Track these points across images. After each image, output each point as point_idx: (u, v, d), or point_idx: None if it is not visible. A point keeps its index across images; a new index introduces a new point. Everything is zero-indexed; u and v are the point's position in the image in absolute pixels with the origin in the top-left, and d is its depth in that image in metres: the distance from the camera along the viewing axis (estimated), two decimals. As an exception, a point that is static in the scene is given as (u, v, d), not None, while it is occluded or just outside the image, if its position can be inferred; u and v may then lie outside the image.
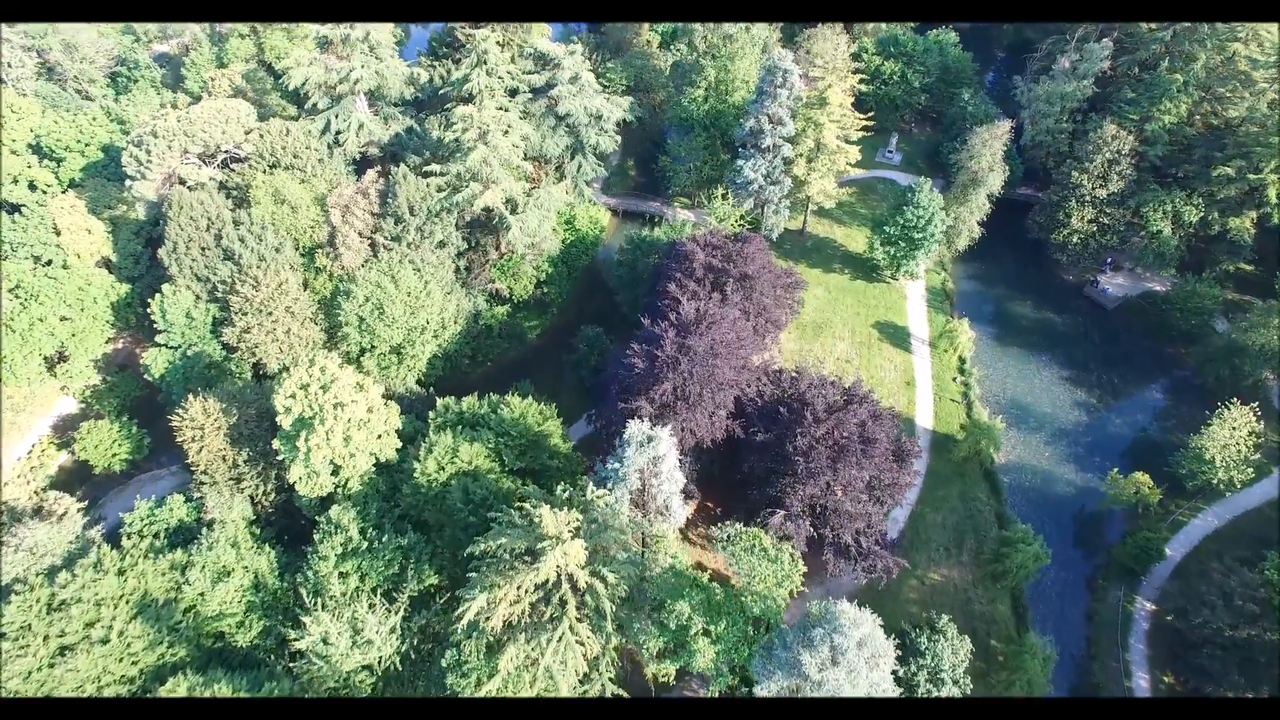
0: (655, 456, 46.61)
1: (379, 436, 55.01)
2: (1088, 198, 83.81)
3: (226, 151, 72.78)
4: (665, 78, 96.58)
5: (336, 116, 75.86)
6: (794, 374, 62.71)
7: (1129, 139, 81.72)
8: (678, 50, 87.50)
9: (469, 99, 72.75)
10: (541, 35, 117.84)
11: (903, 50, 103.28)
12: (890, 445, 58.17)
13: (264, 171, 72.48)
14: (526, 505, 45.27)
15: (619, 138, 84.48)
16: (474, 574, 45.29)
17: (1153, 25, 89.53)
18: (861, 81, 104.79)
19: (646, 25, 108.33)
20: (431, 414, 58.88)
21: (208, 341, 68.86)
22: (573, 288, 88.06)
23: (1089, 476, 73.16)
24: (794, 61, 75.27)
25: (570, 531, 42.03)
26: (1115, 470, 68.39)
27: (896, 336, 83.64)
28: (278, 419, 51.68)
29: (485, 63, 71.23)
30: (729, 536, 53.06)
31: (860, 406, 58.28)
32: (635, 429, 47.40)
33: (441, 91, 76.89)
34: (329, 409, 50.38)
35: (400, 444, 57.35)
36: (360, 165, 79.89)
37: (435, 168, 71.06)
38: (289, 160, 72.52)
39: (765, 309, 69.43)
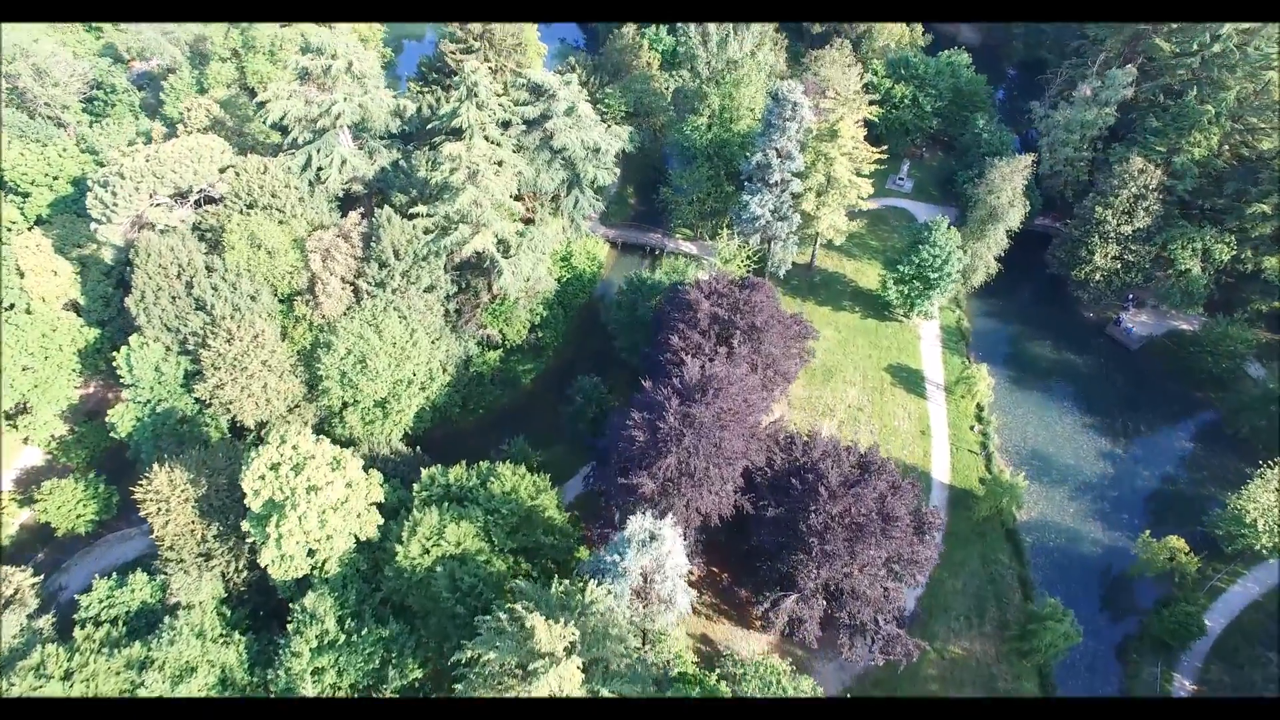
0: (659, 554, 42.28)
1: (358, 515, 50.61)
2: (1112, 234, 79.53)
3: (200, 191, 68.30)
4: (667, 102, 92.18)
5: (318, 151, 71.37)
6: (806, 439, 58.37)
7: (1157, 173, 77.44)
8: (680, 76, 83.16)
9: (458, 133, 68.24)
10: (539, 56, 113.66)
11: (914, 73, 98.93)
12: (910, 519, 53.93)
13: (241, 211, 67.98)
14: (518, 607, 40.95)
15: (618, 170, 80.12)
16: (460, 684, 41.08)
17: (1178, 50, 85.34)
18: (870, 103, 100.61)
19: (647, 45, 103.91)
20: (416, 486, 54.46)
21: (179, 396, 64.45)
22: (569, 327, 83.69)
23: (1117, 535, 68.94)
24: (803, 92, 70.87)
25: (565, 647, 37.75)
26: (1147, 533, 64.14)
27: (910, 381, 79.34)
28: (245, 501, 47.26)
29: (475, 95, 66.77)
30: (743, 672, 48.53)
31: (878, 478, 54.06)
32: (637, 525, 43.07)
33: (430, 126, 72.37)
34: (301, 493, 45.99)
35: (382, 519, 52.96)
36: (344, 202, 75.46)
37: (422, 209, 66.60)
38: (267, 200, 68.03)
39: (774, 361, 65.08)
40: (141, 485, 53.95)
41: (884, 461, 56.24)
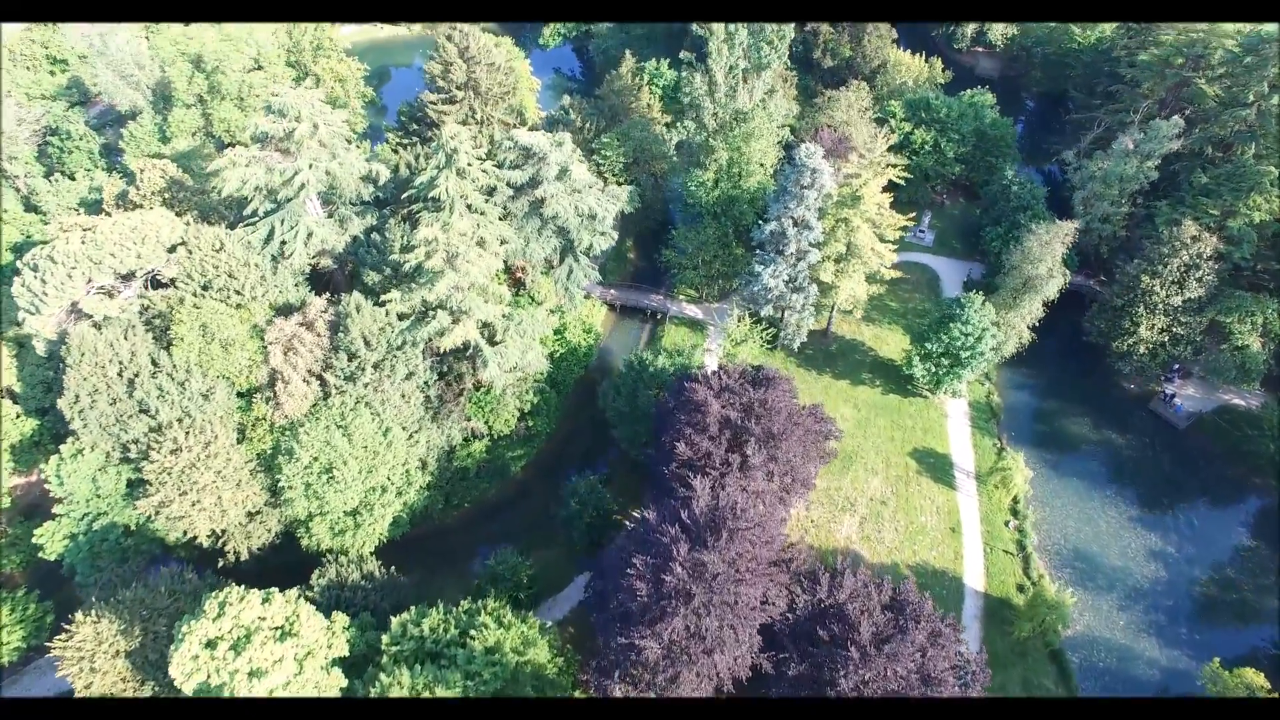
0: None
1: (315, 686, 43.20)
2: (1159, 305, 72.26)
3: (148, 273, 60.86)
4: (669, 149, 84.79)
5: (282, 223, 63.90)
6: (830, 574, 50.97)
7: (1211, 240, 70.20)
8: (684, 128, 75.82)
9: (437, 203, 60.87)
10: (532, 91, 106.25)
11: (935, 116, 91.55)
12: (954, 676, 46.68)
13: (194, 294, 60.46)
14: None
15: (616, 233, 72.74)
16: None
17: (1225, 99, 78.16)
18: (889, 148, 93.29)
19: (646, 85, 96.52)
20: (385, 639, 47.03)
21: (121, 510, 57.07)
22: (564, 405, 76.30)
23: (1175, 655, 61.72)
24: (824, 155, 63.51)
25: None
26: (1216, 662, 56.80)
27: (938, 468, 72.06)
28: (177, 684, 39.87)
29: (454, 163, 59.40)
30: None
31: (915, 626, 46.81)
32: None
33: (407, 194, 64.86)
34: (242, 678, 38.63)
35: (345, 681, 45.57)
36: (312, 277, 67.99)
37: (395, 294, 59.13)
38: (223, 280, 60.57)
39: (793, 468, 57.67)
40: (60, 640, 46.52)
41: (920, 602, 48.91)
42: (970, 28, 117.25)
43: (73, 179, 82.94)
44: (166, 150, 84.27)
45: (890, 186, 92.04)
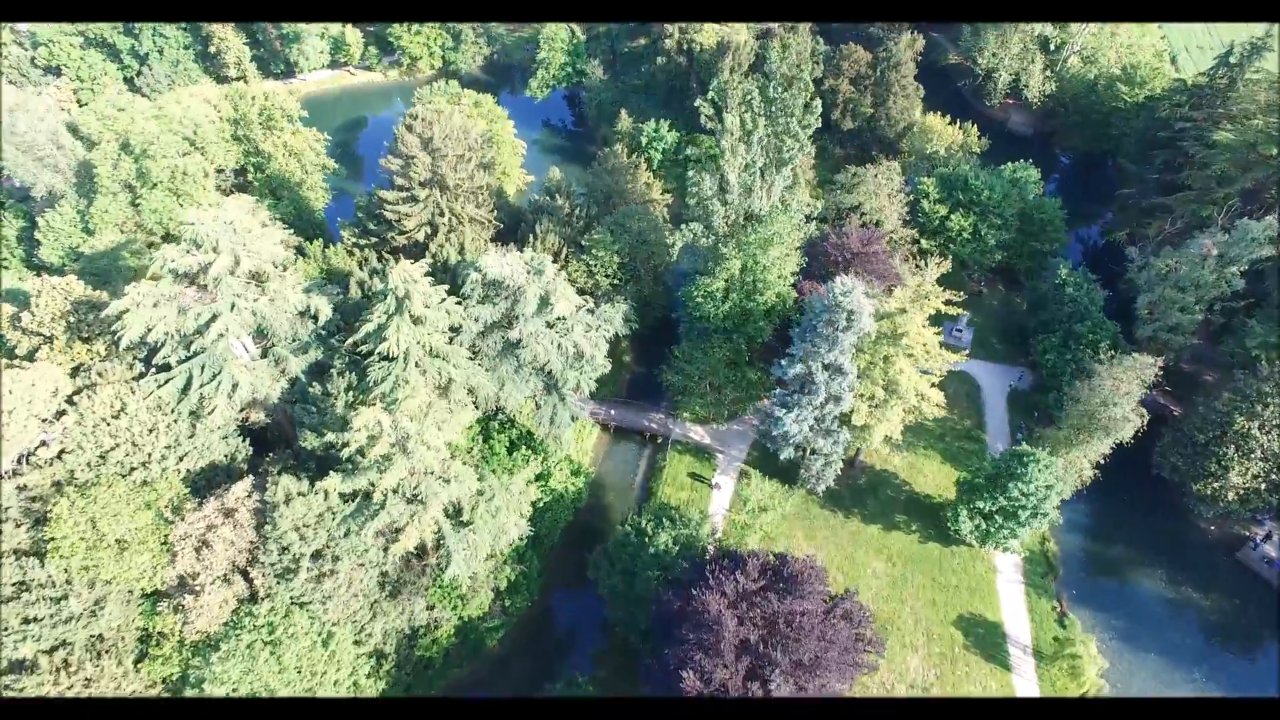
0: None
1: None
2: (1257, 451, 60.91)
3: (23, 452, 49.24)
4: (672, 247, 73.34)
5: (201, 370, 52.31)
6: None
7: (1319, 378, 58.98)
8: (689, 230, 64.38)
9: (386, 357, 49.26)
10: (517, 155, 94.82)
11: (974, 197, 79.99)
12: None
13: (87, 469, 48.81)
14: None
15: (609, 363, 61.13)
16: None
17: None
18: (921, 234, 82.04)
19: (645, 165, 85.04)
20: None
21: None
22: (548, 561, 64.78)
23: None
24: (864, 291, 51.96)
25: None
26: None
27: (988, 641, 60.69)
28: None
29: (407, 309, 47.92)
30: None
31: None
32: None
33: (352, 341, 52.88)
34: None
35: None
36: (243, 431, 56.30)
37: (334, 480, 47.36)
38: (123, 454, 49.00)
39: (825, 687, 46.39)
40: None
41: None
42: (1003, 81, 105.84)
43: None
44: (90, 244, 72.64)
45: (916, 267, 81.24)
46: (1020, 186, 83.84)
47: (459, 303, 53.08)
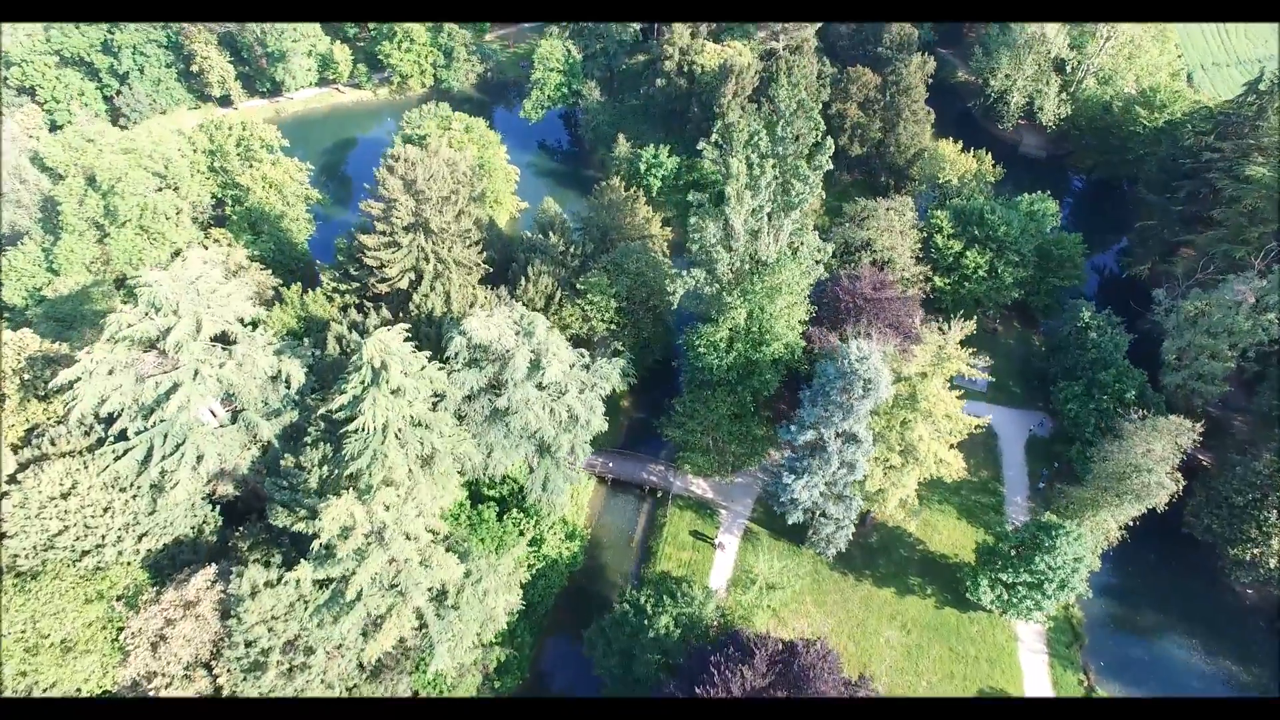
0: None
1: None
2: (1299, 518, 56.99)
3: (-36, 535, 45.15)
4: (671, 287, 69.13)
5: (164, 439, 48.16)
6: None
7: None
8: (692, 277, 60.16)
9: (361, 436, 45.09)
10: (509, 181, 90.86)
11: (990, 232, 75.90)
12: None
13: (32, 554, 44.63)
14: None
15: (606, 421, 56.92)
16: None
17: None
18: (934, 271, 78.03)
19: (643, 195, 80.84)
20: None
21: None
22: (541, 625, 60.69)
23: None
24: (882, 355, 47.87)
25: None
26: None
27: (1015, 722, 56.50)
28: None
29: (384, 381, 43.80)
30: None
31: None
32: None
33: (323, 412, 48.65)
34: None
35: None
36: (212, 500, 52.13)
37: (304, 570, 43.16)
38: (72, 538, 44.84)
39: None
40: None
41: None
42: (1016, 102, 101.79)
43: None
44: (53, 287, 68.38)
45: (929, 306, 77.21)
46: (1038, 220, 79.86)
47: (442, 366, 48.91)
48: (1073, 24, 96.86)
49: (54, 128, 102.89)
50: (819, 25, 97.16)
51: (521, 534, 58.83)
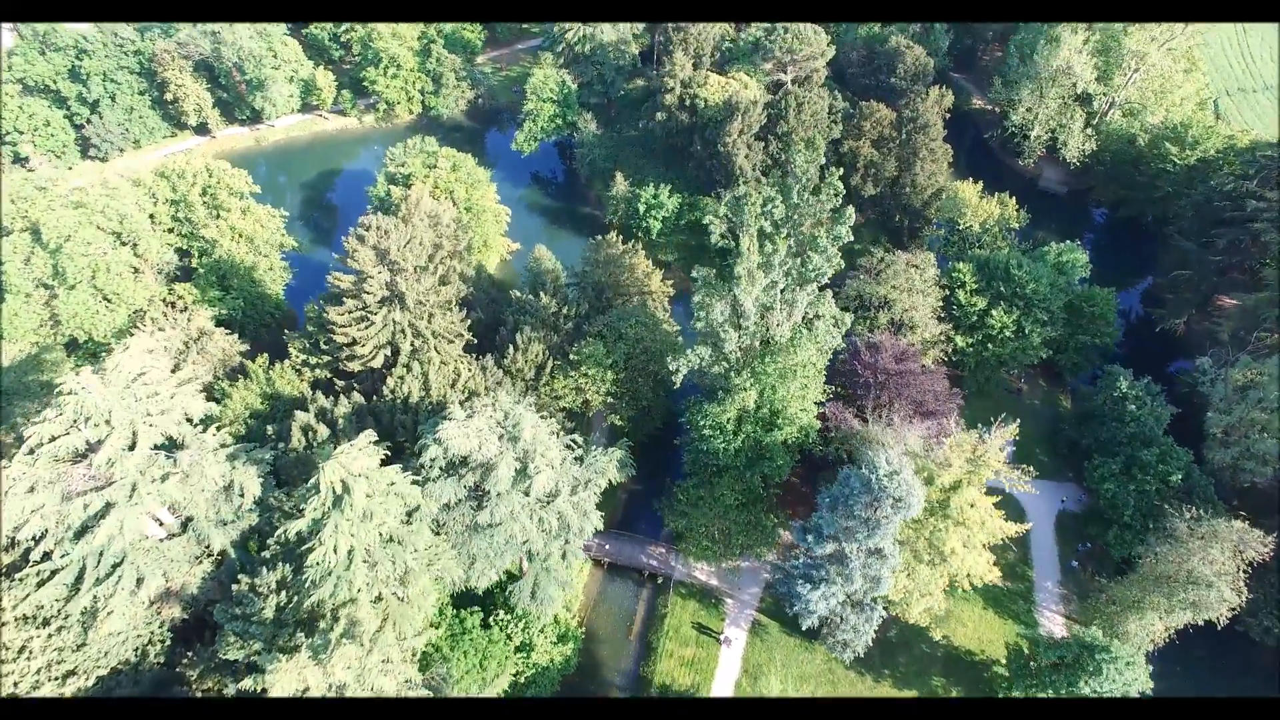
0: None
1: None
2: (1371, 629, 51.49)
3: None
4: (674, 361, 63.18)
5: (99, 559, 42.40)
6: None
7: None
8: (697, 355, 54.38)
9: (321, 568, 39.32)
10: (499, 221, 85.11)
11: (1018, 289, 70.23)
12: None
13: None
14: None
15: (601, 519, 51.19)
16: None
17: None
18: (956, 329, 72.38)
19: (643, 249, 75.04)
20: None
21: None
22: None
23: None
24: (913, 469, 42.25)
25: None
26: None
27: None
28: None
29: (347, 507, 38.09)
30: None
31: None
32: None
33: (280, 535, 42.79)
34: None
35: None
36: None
37: None
38: (-9, 680, 39.16)
39: None
40: None
41: None
42: (1038, 136, 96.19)
43: None
44: (-1, 353, 62.58)
45: (950, 364, 71.75)
46: (1067, 272, 74.34)
47: (416, 478, 43.18)
48: (1078, 24, 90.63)
49: (16, 160, 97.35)
50: (829, 55, 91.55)
51: (509, 638, 53.21)
